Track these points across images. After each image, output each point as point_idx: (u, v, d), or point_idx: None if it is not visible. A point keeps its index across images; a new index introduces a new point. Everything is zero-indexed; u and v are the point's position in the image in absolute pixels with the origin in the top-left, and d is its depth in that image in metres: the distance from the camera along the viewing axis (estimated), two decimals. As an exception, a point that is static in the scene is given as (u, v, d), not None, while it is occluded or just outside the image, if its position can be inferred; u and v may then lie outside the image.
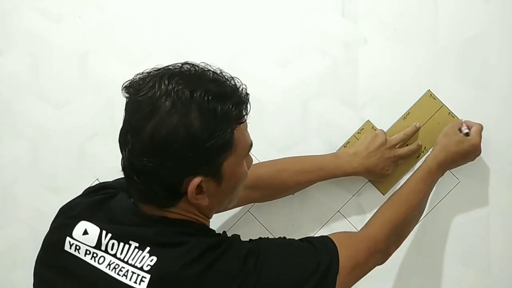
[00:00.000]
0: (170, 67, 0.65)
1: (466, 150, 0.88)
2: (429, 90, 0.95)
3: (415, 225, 0.85)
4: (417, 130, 0.94)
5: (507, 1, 0.95)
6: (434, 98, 0.95)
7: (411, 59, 0.96)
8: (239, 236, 0.68)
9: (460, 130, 0.91)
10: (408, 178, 0.86)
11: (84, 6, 0.97)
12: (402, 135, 0.93)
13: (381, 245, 0.75)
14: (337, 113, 0.96)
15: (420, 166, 0.87)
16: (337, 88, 0.96)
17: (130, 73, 0.96)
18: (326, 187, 0.96)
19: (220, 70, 0.65)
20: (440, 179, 0.94)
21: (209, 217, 0.70)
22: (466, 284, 0.95)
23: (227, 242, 0.65)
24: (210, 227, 0.70)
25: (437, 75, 0.96)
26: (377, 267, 0.97)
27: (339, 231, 0.73)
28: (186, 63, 0.65)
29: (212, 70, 0.65)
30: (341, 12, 0.96)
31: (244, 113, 0.64)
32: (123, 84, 0.63)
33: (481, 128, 0.90)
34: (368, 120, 0.96)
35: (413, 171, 0.88)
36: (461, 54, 0.96)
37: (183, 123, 0.58)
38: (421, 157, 0.95)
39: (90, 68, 0.96)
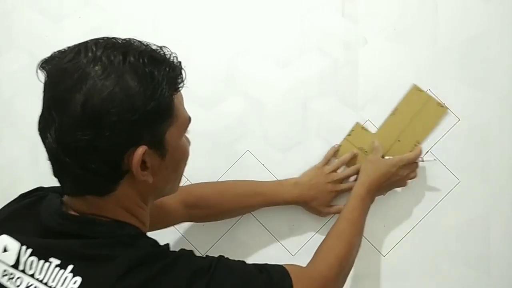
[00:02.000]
0: (92, 39, 0.59)
1: (387, 171, 0.88)
2: (415, 84, 0.95)
3: (357, 253, 0.83)
4: (354, 155, 0.94)
5: (507, 1, 0.95)
6: (421, 91, 0.95)
7: (411, 59, 0.96)
8: (190, 252, 0.62)
9: (383, 157, 0.92)
10: (343, 210, 0.85)
11: (84, 6, 0.98)
12: (340, 163, 0.94)
13: (332, 284, 0.74)
14: (337, 113, 0.96)
15: (350, 196, 0.87)
16: (337, 88, 0.96)
17: (130, 73, 0.97)
18: (326, 187, 0.96)
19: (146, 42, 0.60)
20: (440, 179, 0.95)
21: (147, 205, 0.64)
22: (466, 284, 0.95)
23: (168, 258, 0.58)
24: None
25: (437, 75, 0.96)
26: (377, 267, 0.97)
27: (291, 263, 0.69)
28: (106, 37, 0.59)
29: (138, 40, 0.61)
30: (341, 12, 0.96)
31: (180, 80, 0.60)
32: (39, 63, 0.57)
33: (408, 158, 0.90)
34: (357, 122, 0.96)
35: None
36: (461, 54, 0.95)
37: (119, 86, 0.53)
38: (413, 151, 0.94)
39: (90, 68, 0.96)
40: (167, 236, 0.95)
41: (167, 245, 0.62)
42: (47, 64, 0.56)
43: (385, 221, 0.96)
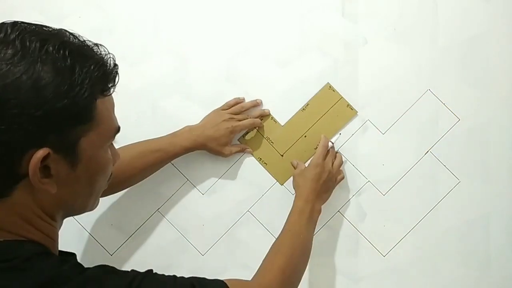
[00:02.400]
0: (11, 20, 0.49)
1: (314, 174, 0.87)
2: (328, 82, 0.96)
3: (306, 265, 0.82)
4: (256, 104, 0.94)
5: (507, 1, 0.95)
6: (333, 90, 0.96)
7: (411, 59, 0.96)
8: (106, 269, 0.54)
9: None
10: (285, 222, 0.84)
11: (84, 6, 0.97)
12: (239, 107, 0.93)
13: None
14: (337, 113, 0.96)
15: (290, 211, 0.86)
16: (337, 88, 0.96)
17: (130, 73, 0.97)
18: (326, 187, 0.96)
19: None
20: (440, 179, 0.95)
21: (55, 220, 0.54)
22: (466, 284, 0.95)
23: (71, 282, 0.49)
24: None
25: (437, 75, 0.96)
26: (377, 267, 0.97)
27: (234, 278, 0.68)
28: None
29: (71, 32, 0.52)
30: (341, 12, 0.96)
31: (111, 85, 0.52)
32: None
33: (322, 151, 0.89)
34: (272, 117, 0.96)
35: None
36: (461, 54, 0.96)
37: (28, 75, 0.45)
38: (320, 142, 0.94)
39: (90, 68, 0.96)
40: (167, 236, 0.95)
41: (73, 263, 0.53)
42: None
43: (385, 221, 0.96)
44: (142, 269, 0.58)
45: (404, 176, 0.96)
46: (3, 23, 0.49)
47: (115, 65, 0.53)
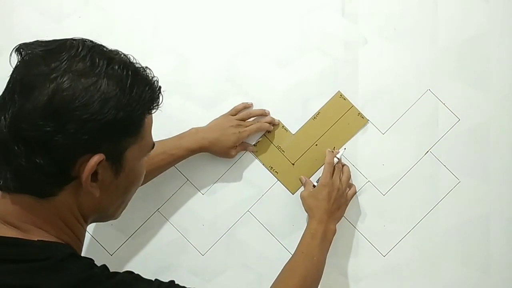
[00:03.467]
0: (79, 38, 0.57)
1: (324, 194, 0.87)
2: (339, 91, 0.95)
3: (317, 286, 0.82)
4: (263, 113, 0.94)
5: (507, 1, 0.95)
6: (344, 99, 0.95)
7: (411, 59, 0.96)
8: (132, 276, 0.57)
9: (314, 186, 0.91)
10: (299, 243, 0.84)
11: (84, 6, 0.97)
12: (247, 113, 0.93)
13: None
14: (337, 113, 0.96)
15: (304, 232, 0.86)
16: (337, 88, 0.96)
17: (130, 73, 0.97)
18: (326, 187, 0.96)
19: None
20: (440, 179, 0.95)
21: (86, 223, 0.59)
22: (466, 284, 0.95)
23: (102, 285, 0.53)
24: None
25: (437, 75, 0.96)
26: (377, 267, 0.97)
27: None
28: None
29: (125, 53, 0.58)
30: (341, 12, 0.96)
31: (156, 104, 0.58)
32: (16, 45, 0.55)
33: (328, 169, 0.89)
34: (279, 120, 0.95)
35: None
36: (461, 54, 0.96)
37: (96, 86, 0.51)
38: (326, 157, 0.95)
39: (90, 68, 0.96)
40: (167, 236, 0.95)
41: (102, 266, 0.56)
42: (25, 48, 0.54)
43: (385, 221, 0.96)
44: (142, 269, 0.58)
45: (404, 176, 0.96)
46: (72, 39, 0.55)
47: (160, 87, 0.59)
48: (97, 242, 0.96)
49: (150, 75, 0.58)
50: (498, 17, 0.95)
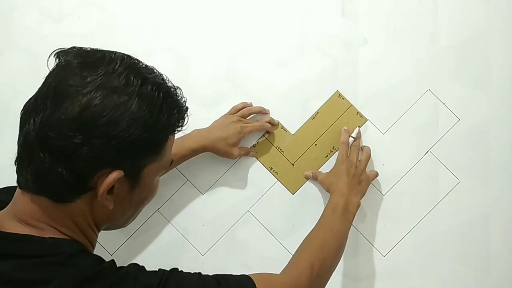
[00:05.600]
0: (119, 53, 0.57)
1: (342, 169, 0.87)
2: (338, 90, 0.95)
3: (338, 259, 0.80)
4: (263, 111, 0.94)
5: (507, 1, 0.95)
6: (343, 98, 0.96)
7: (411, 59, 0.96)
8: (137, 268, 0.58)
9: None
10: (320, 217, 0.84)
11: (84, 6, 0.97)
12: (247, 110, 0.93)
13: None
14: (337, 113, 0.96)
15: (326, 205, 0.86)
16: (337, 88, 0.96)
17: (130, 73, 0.97)
18: (326, 187, 0.96)
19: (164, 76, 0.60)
20: (440, 179, 0.95)
21: (98, 230, 0.61)
22: (466, 284, 0.95)
23: (110, 277, 0.54)
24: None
25: (437, 75, 0.96)
26: (377, 267, 0.97)
27: (261, 272, 0.68)
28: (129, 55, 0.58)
29: (159, 72, 0.59)
30: (341, 12, 0.96)
31: (181, 124, 0.60)
32: (54, 51, 0.55)
33: (342, 147, 0.90)
34: (278, 121, 0.96)
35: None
36: (461, 54, 0.96)
37: (126, 105, 0.52)
38: (330, 157, 0.96)
39: (90, 68, 0.96)
40: (167, 236, 0.95)
41: (111, 261, 0.57)
42: (64, 54, 0.54)
43: (385, 221, 0.96)
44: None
45: (404, 176, 0.96)
46: (111, 53, 0.55)
47: (187, 108, 0.60)
48: (97, 242, 0.95)
49: (180, 97, 0.59)
50: (498, 17, 0.95)
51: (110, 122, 0.51)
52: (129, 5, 0.97)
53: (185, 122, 0.60)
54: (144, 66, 0.57)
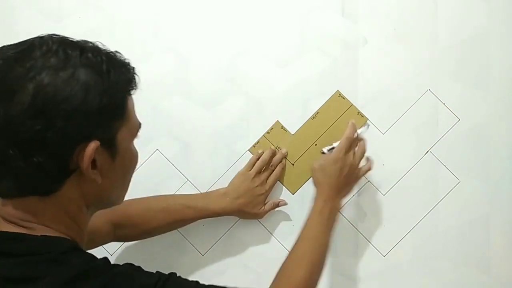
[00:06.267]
0: (46, 34, 0.57)
1: (334, 169, 0.84)
2: (338, 90, 0.95)
3: (323, 269, 0.79)
4: (273, 153, 0.93)
5: (507, 1, 0.95)
6: (343, 98, 0.95)
7: (411, 59, 0.96)
8: (134, 267, 0.58)
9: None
10: (302, 228, 0.80)
11: (84, 6, 0.97)
12: (261, 163, 0.92)
13: None
14: (337, 113, 0.96)
15: (310, 211, 0.83)
16: (337, 88, 0.96)
17: (130, 73, 0.97)
18: (326, 187, 0.96)
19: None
20: (440, 179, 0.95)
21: (90, 213, 0.61)
22: (466, 284, 0.95)
23: (104, 275, 0.54)
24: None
25: (437, 75, 0.96)
26: (377, 267, 0.97)
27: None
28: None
29: (91, 41, 0.59)
30: (341, 12, 0.96)
31: (134, 84, 0.60)
32: None
33: (344, 142, 0.86)
34: (277, 121, 0.96)
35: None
36: (461, 54, 0.96)
37: (75, 78, 0.51)
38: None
39: (90, 68, 0.96)
40: (167, 237, 0.95)
41: (104, 259, 0.57)
42: None
43: (385, 221, 0.96)
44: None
45: (404, 176, 0.96)
46: (39, 37, 0.55)
47: (134, 67, 0.60)
48: (97, 242, 0.96)
49: (122, 58, 0.59)
50: (498, 17, 0.95)
51: (65, 99, 0.50)
52: (129, 5, 0.97)
53: (137, 81, 0.60)
54: (75, 39, 0.57)
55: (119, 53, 0.59)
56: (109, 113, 0.55)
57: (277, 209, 0.95)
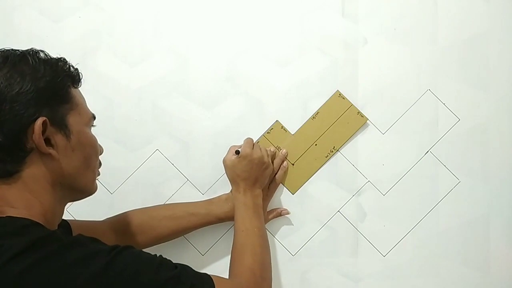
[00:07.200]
0: None
1: (245, 166, 0.87)
2: (338, 90, 0.95)
3: (269, 254, 0.83)
4: (274, 154, 0.94)
5: (507, 1, 0.95)
6: (343, 98, 0.95)
7: (411, 59, 0.96)
8: (90, 237, 0.62)
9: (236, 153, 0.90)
10: (235, 223, 0.85)
11: (84, 6, 0.97)
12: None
13: None
14: (337, 113, 0.96)
15: (235, 207, 0.86)
16: (337, 88, 0.96)
17: (130, 73, 0.97)
18: (326, 187, 0.96)
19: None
20: (440, 179, 0.95)
21: (58, 196, 0.64)
22: (466, 284, 0.95)
23: (62, 241, 0.57)
24: None
25: (437, 75, 0.96)
26: (377, 267, 0.97)
27: (215, 275, 0.69)
28: None
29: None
30: (341, 12, 0.96)
31: (78, 79, 0.67)
32: None
33: (248, 141, 0.90)
34: (277, 121, 0.96)
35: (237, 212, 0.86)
36: (461, 54, 0.96)
37: (14, 70, 0.60)
38: (330, 157, 0.96)
39: (90, 68, 0.96)
40: (167, 236, 0.95)
41: (64, 231, 0.61)
42: None
43: (385, 221, 0.96)
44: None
45: (404, 176, 0.96)
46: None
47: (76, 68, 0.67)
48: (97, 242, 0.95)
49: (59, 58, 0.65)
50: (498, 17, 0.95)
51: (8, 87, 0.58)
52: (129, 5, 0.97)
53: (80, 77, 0.67)
54: (9, 49, 0.64)
55: (62, 59, 0.66)
56: (52, 95, 0.62)
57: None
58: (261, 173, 0.89)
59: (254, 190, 0.87)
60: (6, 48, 0.64)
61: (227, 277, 0.75)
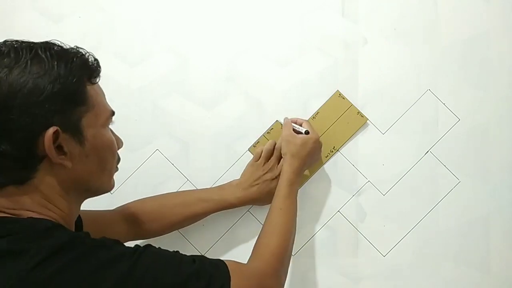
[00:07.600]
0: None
1: (312, 148, 0.89)
2: (338, 90, 0.95)
3: (293, 241, 0.83)
4: (274, 144, 0.94)
5: (507, 1, 0.95)
6: (343, 98, 0.95)
7: (411, 59, 0.96)
8: (113, 240, 0.61)
9: (296, 131, 0.91)
10: (274, 199, 0.84)
11: (84, 6, 0.98)
12: (267, 152, 0.93)
13: (271, 281, 0.73)
14: (337, 113, 0.96)
15: (279, 182, 0.86)
16: (337, 88, 0.96)
17: (130, 73, 0.97)
18: (326, 187, 0.96)
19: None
20: (440, 179, 0.95)
21: (73, 199, 0.63)
22: (466, 284, 0.95)
23: (85, 245, 0.57)
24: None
25: (437, 75, 0.96)
26: (377, 267, 0.97)
27: (230, 259, 0.69)
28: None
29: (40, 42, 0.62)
30: (341, 12, 0.96)
31: (96, 73, 0.63)
32: None
33: (308, 122, 0.93)
34: (277, 120, 0.96)
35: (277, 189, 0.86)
36: (462, 54, 0.96)
37: (25, 72, 0.56)
38: (330, 157, 0.96)
39: (90, 68, 0.96)
40: (167, 237, 0.95)
41: (86, 233, 0.61)
42: None
43: (385, 221, 0.96)
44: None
45: (404, 176, 0.96)
46: None
47: (96, 59, 0.63)
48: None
49: (75, 50, 0.62)
50: (498, 17, 0.95)
51: (19, 92, 0.55)
52: (129, 5, 0.97)
53: (98, 71, 0.63)
54: (28, 41, 0.61)
55: (76, 47, 0.62)
56: (65, 99, 0.58)
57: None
58: (315, 159, 0.92)
59: (301, 174, 0.89)
60: (15, 40, 0.61)
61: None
